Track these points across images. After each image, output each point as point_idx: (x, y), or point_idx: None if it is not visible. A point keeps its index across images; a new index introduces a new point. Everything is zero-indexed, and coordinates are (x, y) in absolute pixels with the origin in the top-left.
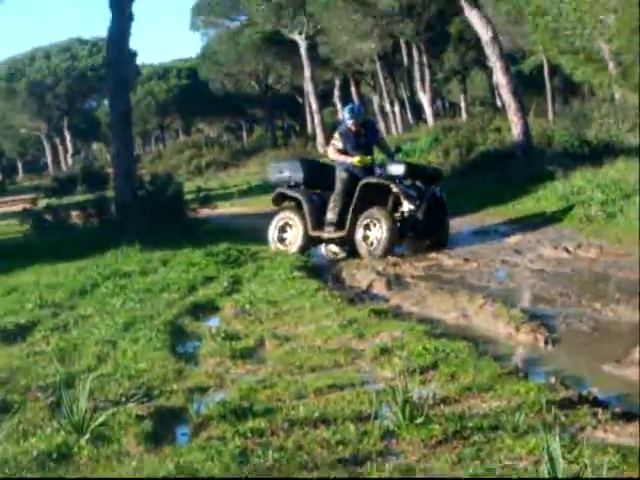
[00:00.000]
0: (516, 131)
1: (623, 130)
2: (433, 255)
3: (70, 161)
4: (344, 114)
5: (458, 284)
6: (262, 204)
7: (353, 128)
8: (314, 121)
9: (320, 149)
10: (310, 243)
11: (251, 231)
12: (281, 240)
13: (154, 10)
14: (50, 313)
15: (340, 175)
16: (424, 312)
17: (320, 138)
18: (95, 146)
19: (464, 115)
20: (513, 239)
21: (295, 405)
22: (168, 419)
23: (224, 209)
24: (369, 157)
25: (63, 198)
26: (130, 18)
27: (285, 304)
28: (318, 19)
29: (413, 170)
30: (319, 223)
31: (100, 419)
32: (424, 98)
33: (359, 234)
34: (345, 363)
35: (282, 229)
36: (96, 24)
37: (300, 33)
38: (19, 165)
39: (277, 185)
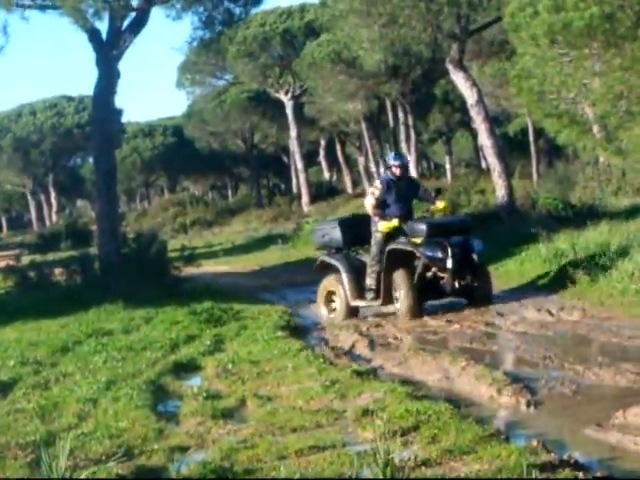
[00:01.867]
0: (500, 193)
1: (607, 193)
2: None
3: (54, 218)
4: (389, 158)
5: (441, 346)
6: (246, 263)
7: (397, 172)
8: (299, 180)
9: (305, 208)
10: (355, 312)
11: (235, 290)
12: (332, 310)
13: (141, 68)
14: (32, 370)
15: (375, 236)
16: (406, 373)
17: (305, 197)
18: (80, 203)
19: (449, 176)
20: (496, 301)
21: (276, 466)
22: (148, 479)
23: (208, 267)
24: (395, 222)
25: (47, 254)
26: (116, 76)
27: (268, 364)
28: (304, 79)
29: (437, 227)
30: (360, 291)
31: (80, 478)
32: (410, 159)
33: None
34: (327, 424)
35: (329, 299)
36: (83, 81)
37: (286, 93)
38: (3, 221)
39: (321, 248)
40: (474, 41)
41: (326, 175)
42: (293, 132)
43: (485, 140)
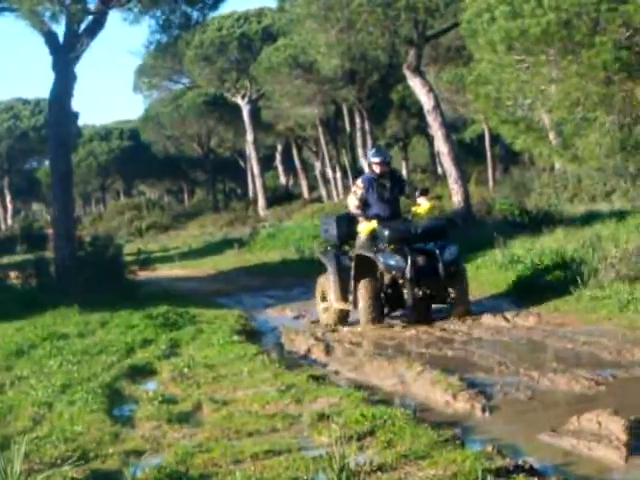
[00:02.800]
0: (456, 199)
1: (562, 200)
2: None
3: (10, 221)
4: (369, 154)
5: (397, 351)
6: (202, 267)
7: (378, 170)
8: (255, 185)
9: (261, 213)
10: (346, 315)
11: (191, 294)
12: (326, 310)
13: (97, 71)
14: None
15: (358, 237)
16: (362, 378)
17: (262, 202)
18: (35, 206)
19: None
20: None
21: (231, 470)
22: None
23: (164, 271)
24: (374, 223)
25: (2, 258)
26: (73, 79)
27: (223, 368)
28: (261, 83)
29: (401, 233)
30: (345, 293)
31: None
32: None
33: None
34: (282, 428)
35: (323, 298)
36: (39, 84)
37: (243, 97)
38: None
39: (324, 243)
40: (431, 47)
41: (282, 180)
42: (250, 136)
43: (441, 146)
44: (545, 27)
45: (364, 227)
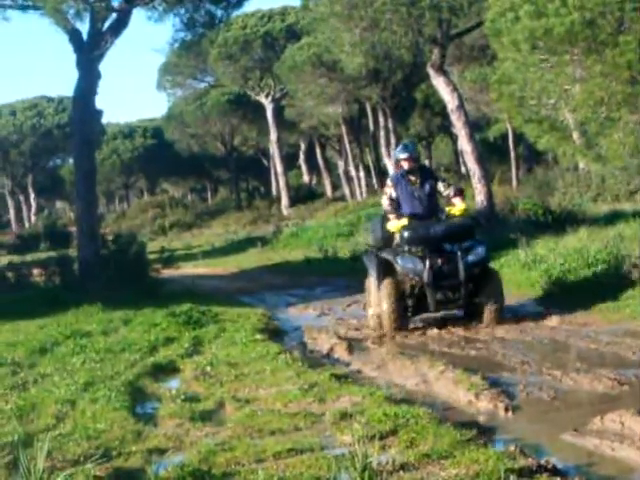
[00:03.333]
0: (480, 198)
1: (586, 199)
2: None
3: (33, 219)
4: (396, 151)
5: (419, 350)
6: (225, 265)
7: (406, 166)
8: (279, 183)
9: (285, 211)
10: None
11: (214, 292)
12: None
13: (122, 69)
14: (9, 371)
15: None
16: (384, 377)
17: (285, 200)
18: (59, 204)
19: None
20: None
21: (254, 469)
22: None
23: (187, 270)
24: (404, 221)
25: (26, 255)
26: (97, 77)
27: (246, 367)
28: (285, 82)
29: (420, 235)
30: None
31: (58, 479)
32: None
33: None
34: (305, 427)
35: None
36: (63, 82)
37: (267, 96)
38: None
39: (371, 245)
40: (455, 46)
41: (306, 178)
42: (273, 135)
43: (465, 145)
44: (569, 26)
45: (393, 225)
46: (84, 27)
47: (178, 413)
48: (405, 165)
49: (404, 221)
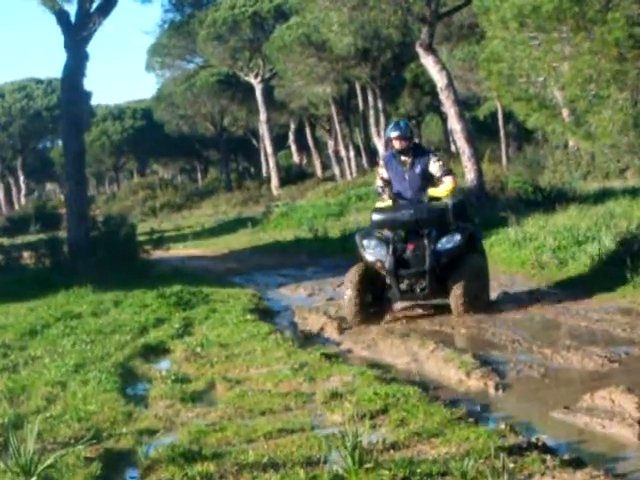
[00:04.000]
0: (470, 177)
1: (576, 177)
2: None
3: (23, 201)
4: (387, 130)
5: (409, 329)
6: (216, 246)
7: (398, 145)
8: (269, 164)
9: (275, 192)
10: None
11: (204, 273)
12: None
13: (110, 51)
14: (0, 353)
15: None
16: (375, 357)
17: (275, 181)
18: (49, 186)
19: None
20: None
21: (245, 449)
22: (117, 462)
23: (177, 251)
24: (389, 202)
25: (16, 238)
26: (85, 58)
27: (237, 347)
28: (274, 62)
29: (388, 218)
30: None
31: (48, 461)
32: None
33: None
34: (295, 407)
35: None
36: (52, 64)
37: (256, 76)
38: None
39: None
40: (444, 24)
41: (296, 159)
42: (263, 115)
43: (454, 124)
44: (557, 4)
45: (379, 203)
46: (72, 8)
47: (169, 394)
48: (396, 144)
49: (388, 202)
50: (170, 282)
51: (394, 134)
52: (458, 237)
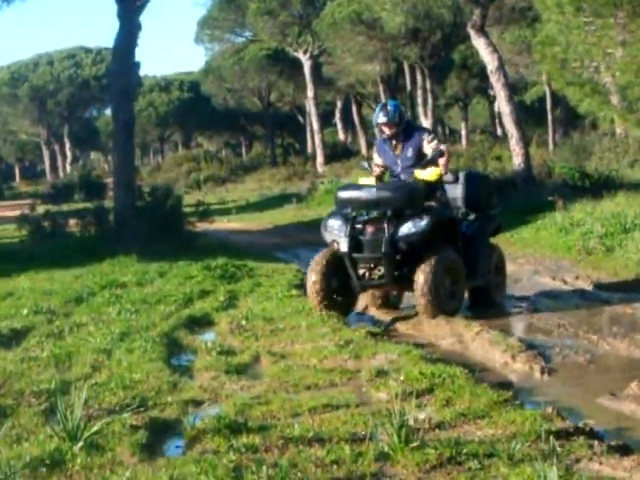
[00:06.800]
0: (517, 161)
1: (623, 165)
2: None
3: (68, 169)
4: (374, 114)
5: None
6: (260, 221)
7: (387, 131)
8: (314, 141)
9: (319, 169)
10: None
11: (248, 247)
12: None
13: (159, 21)
14: (45, 319)
15: None
16: (420, 336)
17: (320, 158)
18: (93, 155)
19: (464, 142)
20: (510, 268)
21: (290, 423)
22: (162, 431)
23: (221, 224)
24: (371, 180)
25: (60, 205)
26: (137, 28)
27: (281, 322)
28: (323, 39)
29: (351, 197)
30: None
31: (95, 428)
32: (426, 123)
33: None
34: (340, 383)
35: None
36: (101, 33)
37: (305, 52)
38: (17, 170)
39: None
40: (495, 7)
41: (341, 136)
42: (310, 92)
43: (504, 107)
44: None
45: (360, 181)
46: None
47: (214, 366)
48: (385, 130)
49: (371, 180)
50: (215, 255)
51: (381, 120)
52: (424, 222)
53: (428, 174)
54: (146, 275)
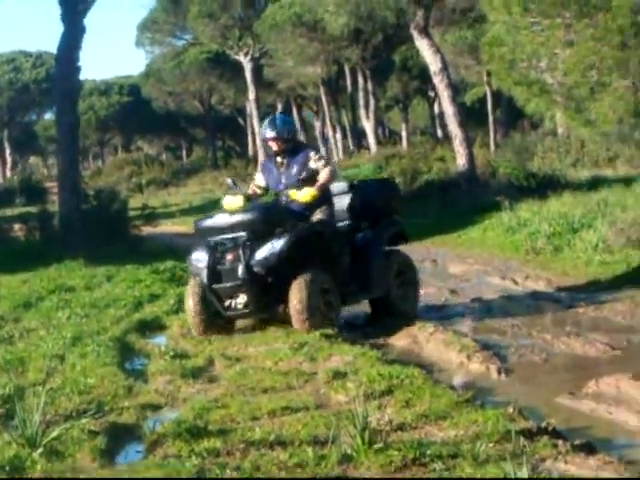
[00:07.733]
0: (461, 161)
1: (565, 164)
2: None
3: (9, 174)
4: (262, 128)
5: None
6: None
7: (274, 146)
8: (255, 143)
9: None
10: None
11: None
12: None
13: (99, 25)
14: None
15: None
16: (375, 337)
17: (261, 160)
18: (32, 160)
19: (405, 144)
20: (459, 268)
21: (250, 426)
22: (121, 436)
23: (165, 227)
24: (239, 200)
25: (4, 210)
26: (82, 31)
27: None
28: (264, 41)
29: (208, 226)
30: None
31: (54, 433)
32: (367, 125)
33: None
34: (298, 386)
35: None
36: (41, 37)
37: (246, 55)
38: None
39: None
40: (437, 8)
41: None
42: (251, 94)
43: (448, 108)
44: None
45: (225, 203)
46: None
47: (168, 369)
48: (273, 146)
49: (239, 198)
50: (162, 258)
51: (270, 135)
52: (280, 244)
53: (302, 195)
54: (94, 279)
